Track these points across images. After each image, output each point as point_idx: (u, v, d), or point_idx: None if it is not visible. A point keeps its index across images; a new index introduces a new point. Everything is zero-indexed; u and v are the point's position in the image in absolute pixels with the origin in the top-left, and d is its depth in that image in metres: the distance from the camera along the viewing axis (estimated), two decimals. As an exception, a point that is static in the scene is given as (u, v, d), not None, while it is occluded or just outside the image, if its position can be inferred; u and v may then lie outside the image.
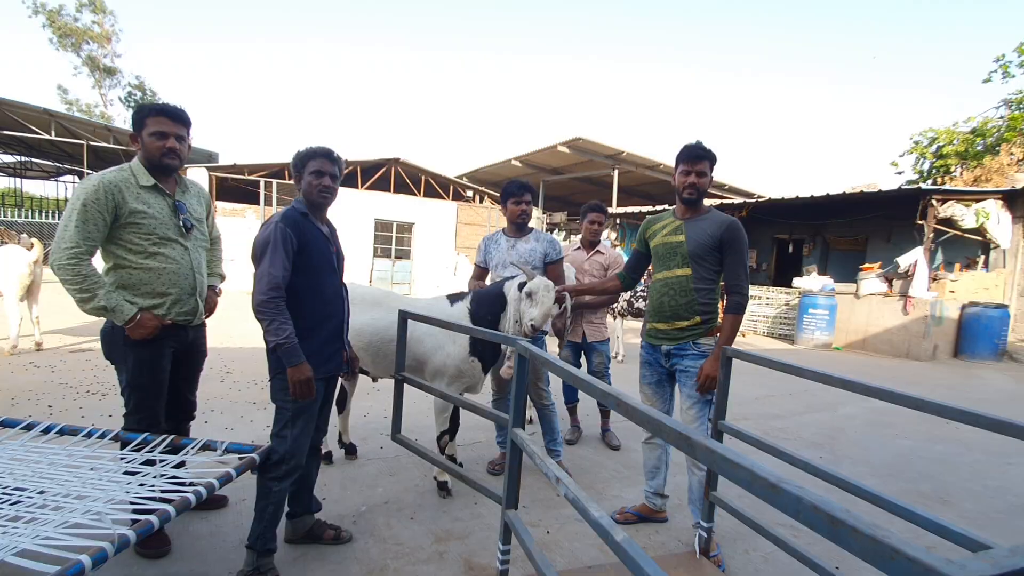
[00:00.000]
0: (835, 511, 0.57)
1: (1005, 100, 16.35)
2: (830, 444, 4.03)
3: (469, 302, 2.67)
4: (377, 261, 16.44)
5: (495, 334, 1.87)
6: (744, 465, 0.70)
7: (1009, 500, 3.16)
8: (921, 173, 17.58)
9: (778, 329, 10.77)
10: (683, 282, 2.34)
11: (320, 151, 2.06)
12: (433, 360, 2.65)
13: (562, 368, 1.34)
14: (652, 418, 0.92)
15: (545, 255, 3.03)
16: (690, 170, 2.33)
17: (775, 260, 14.70)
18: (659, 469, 2.51)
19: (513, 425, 1.68)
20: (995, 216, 9.88)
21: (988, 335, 8.96)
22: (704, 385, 2.19)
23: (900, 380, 6.91)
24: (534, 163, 18.15)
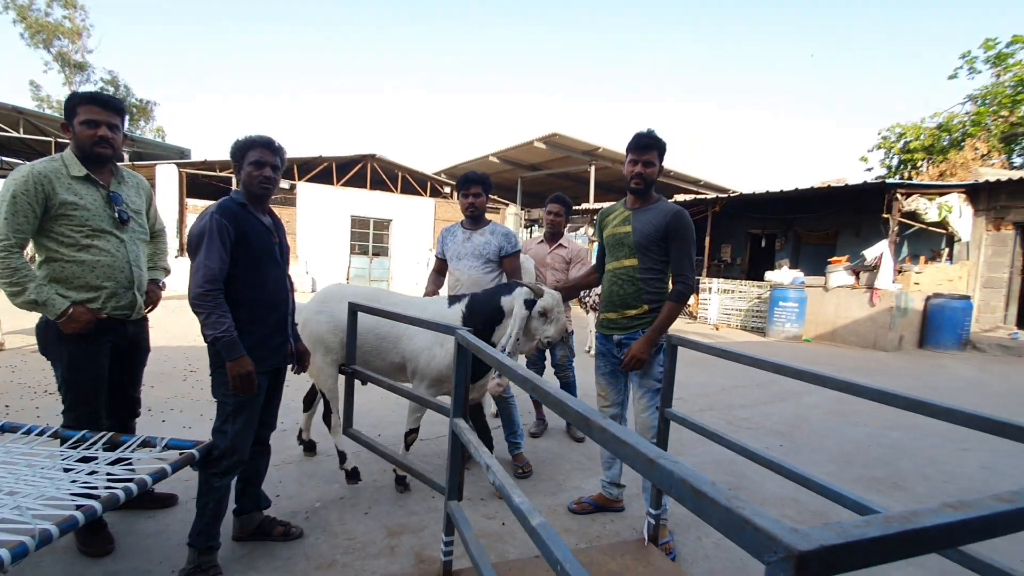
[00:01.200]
0: (700, 484, 0.57)
1: (970, 96, 16.79)
2: (791, 433, 4.10)
3: (464, 306, 2.56)
4: (354, 258, 16.27)
5: (435, 324, 1.84)
6: (629, 442, 0.69)
7: (962, 484, 3.24)
8: (889, 168, 17.98)
9: (751, 322, 10.94)
10: (630, 272, 2.37)
11: (260, 140, 2.01)
12: (418, 360, 2.56)
13: (495, 358, 1.32)
14: (559, 401, 0.91)
15: (500, 248, 3.01)
16: (637, 159, 2.32)
17: (748, 254, 14.92)
18: (615, 459, 2.52)
19: (454, 416, 1.66)
20: (957, 210, 10.15)
21: (952, 326, 9.22)
22: (628, 364, 2.23)
23: (865, 370, 7.07)
24: (512, 159, 18.12)
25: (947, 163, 14.99)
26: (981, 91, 16.45)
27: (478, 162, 18.42)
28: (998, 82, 16.04)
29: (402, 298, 2.84)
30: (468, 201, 3.00)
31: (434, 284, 3.28)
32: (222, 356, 1.86)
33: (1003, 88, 15.79)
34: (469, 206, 3.01)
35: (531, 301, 2.41)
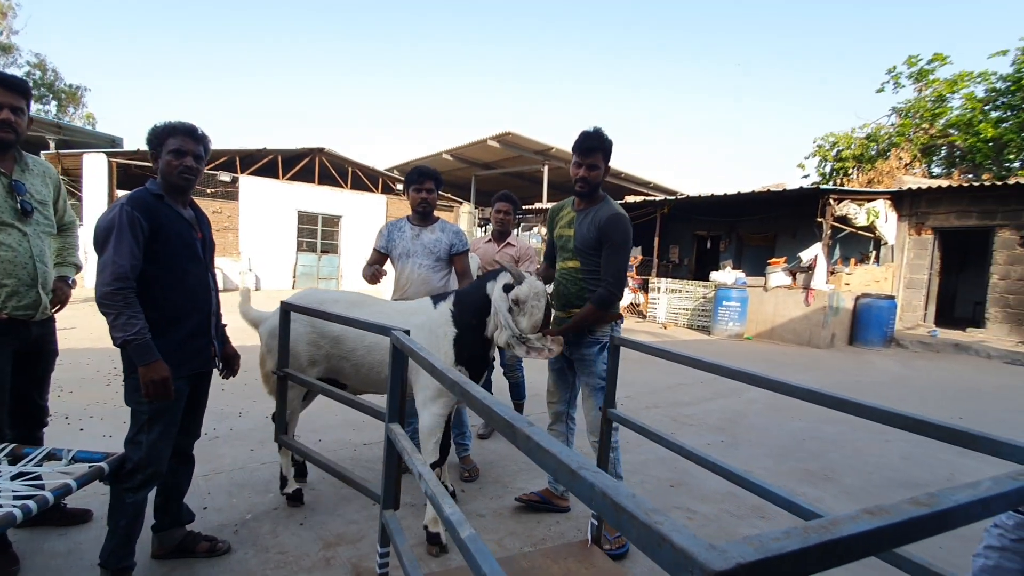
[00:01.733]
0: (619, 498, 0.53)
1: (895, 109, 18.00)
2: (731, 428, 4.23)
3: (452, 304, 2.35)
4: (301, 255, 15.72)
5: (371, 323, 1.76)
6: (552, 451, 0.65)
7: (886, 475, 3.43)
8: (823, 175, 19.02)
9: (697, 321, 11.30)
10: (573, 273, 2.39)
11: (181, 127, 1.86)
12: (417, 373, 2.25)
13: (429, 362, 1.26)
14: (486, 407, 0.86)
15: (451, 246, 2.94)
16: (581, 162, 2.27)
17: (695, 255, 15.42)
18: None
19: (389, 421, 1.59)
20: (883, 215, 10.84)
21: (878, 324, 9.83)
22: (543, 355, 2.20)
23: (800, 366, 7.42)
24: (465, 157, 18.00)
25: (875, 171, 16.01)
26: (905, 104, 17.66)
27: (431, 159, 18.20)
28: (920, 96, 17.27)
29: (386, 305, 2.57)
30: (420, 196, 2.90)
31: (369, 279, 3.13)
32: (132, 360, 1.71)
33: (924, 102, 17.01)
34: (421, 201, 2.91)
35: (509, 286, 2.22)
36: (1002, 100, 15.31)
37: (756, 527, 2.60)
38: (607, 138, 2.30)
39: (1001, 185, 10.14)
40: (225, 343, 2.13)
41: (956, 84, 16.39)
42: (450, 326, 2.30)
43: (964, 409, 5.30)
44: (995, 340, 9.83)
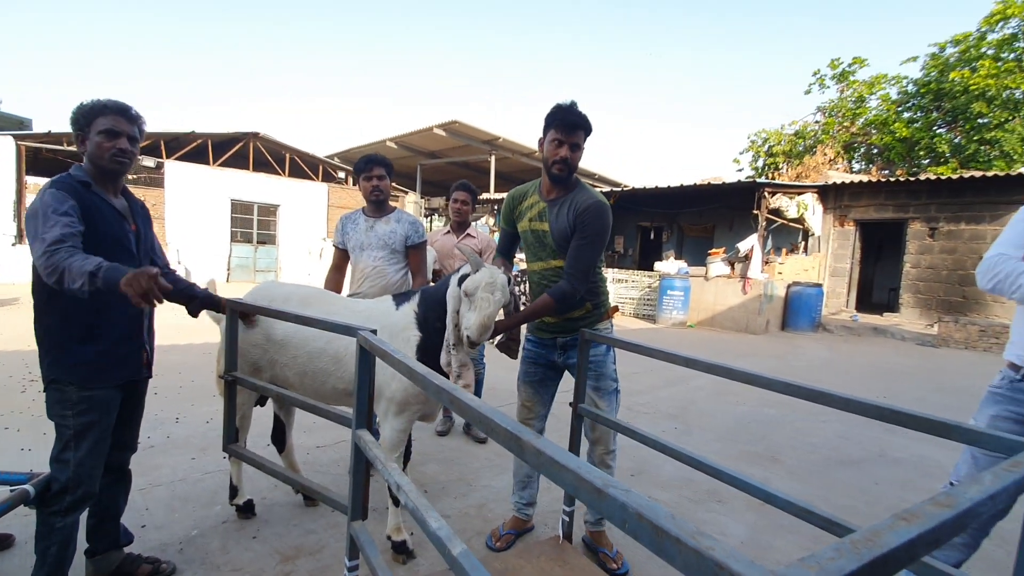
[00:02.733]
0: (659, 519, 0.50)
1: (820, 108, 19.15)
2: (683, 415, 4.37)
3: (416, 304, 2.10)
4: (236, 246, 14.88)
5: (334, 324, 1.65)
6: (571, 468, 0.61)
7: (824, 454, 3.64)
8: (757, 169, 20.01)
9: (642, 310, 11.63)
10: (558, 273, 2.06)
11: (113, 105, 1.67)
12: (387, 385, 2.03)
13: (402, 363, 1.19)
14: (485, 417, 0.81)
15: (406, 238, 2.84)
16: (563, 141, 1.94)
17: (639, 246, 15.85)
18: (532, 478, 2.31)
19: (356, 427, 1.50)
20: (811, 208, 11.54)
21: (807, 310, 10.48)
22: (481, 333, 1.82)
23: (738, 352, 7.79)
24: (410, 145, 17.59)
25: (803, 166, 17.00)
26: (829, 104, 18.82)
27: (375, 146, 17.65)
28: (842, 97, 18.45)
29: (344, 302, 2.34)
30: (372, 184, 2.77)
31: (334, 284, 2.98)
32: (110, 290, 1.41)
33: (846, 102, 18.20)
34: (373, 189, 2.78)
35: (465, 276, 1.91)
36: (913, 102, 16.63)
37: (713, 511, 2.69)
38: (587, 117, 2.00)
39: (913, 181, 11.03)
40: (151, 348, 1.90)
41: (873, 86, 17.65)
42: (413, 329, 2.06)
43: (886, 389, 5.74)
44: (908, 324, 10.73)
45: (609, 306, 2.18)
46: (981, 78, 14.02)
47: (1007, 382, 1.67)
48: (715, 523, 2.58)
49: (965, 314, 10.01)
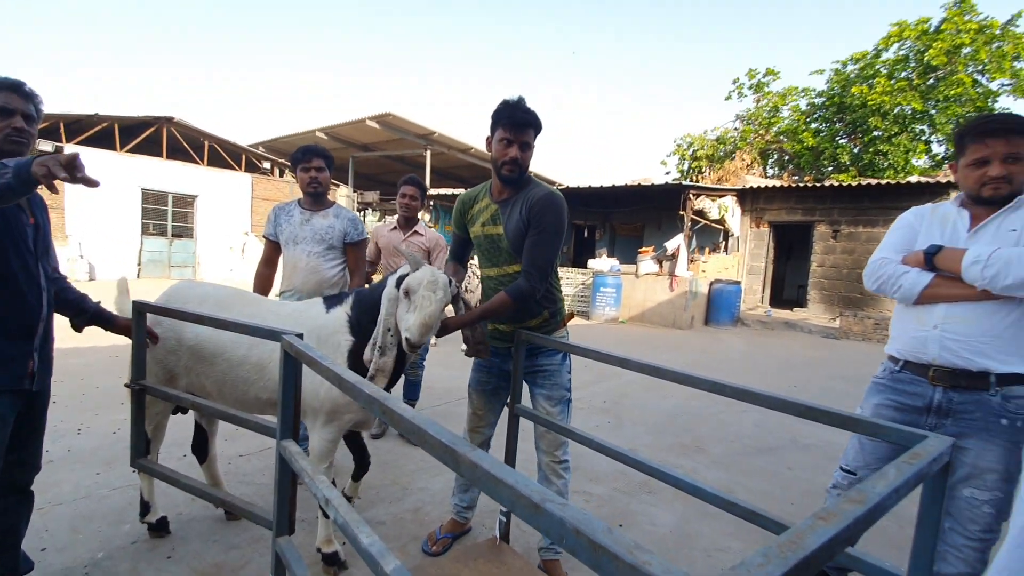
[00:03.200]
0: (596, 534, 0.49)
1: (739, 115, 20.34)
2: (616, 409, 4.51)
3: (349, 307, 1.97)
4: (148, 240, 13.76)
5: (256, 328, 1.55)
6: (508, 482, 0.60)
7: (744, 443, 3.87)
8: (682, 172, 20.98)
9: (577, 307, 11.88)
10: (517, 278, 1.94)
11: (4, 81, 1.50)
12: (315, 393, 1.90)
13: (330, 370, 1.13)
14: (419, 429, 0.77)
15: (345, 234, 2.73)
16: (512, 140, 1.85)
17: (573, 244, 16.19)
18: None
19: (281, 437, 1.41)
20: (731, 210, 12.27)
21: (727, 306, 11.14)
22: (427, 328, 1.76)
23: (667, 346, 8.15)
24: (342, 137, 16.96)
25: (723, 170, 18.02)
26: (746, 112, 20.04)
27: (304, 137, 16.87)
28: (758, 106, 19.70)
29: (269, 304, 2.17)
30: (310, 176, 2.65)
31: (264, 279, 2.82)
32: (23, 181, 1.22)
33: (761, 111, 19.44)
34: (311, 181, 2.65)
35: (402, 277, 1.82)
36: (819, 114, 18.04)
37: (645, 502, 2.79)
38: (536, 113, 1.91)
39: (818, 187, 11.98)
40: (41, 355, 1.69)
41: (785, 97, 18.97)
42: (345, 334, 1.93)
43: (797, 378, 6.20)
44: (814, 318, 11.66)
45: (565, 313, 2.12)
46: (877, 94, 15.45)
47: (888, 373, 1.85)
48: (646, 514, 2.67)
49: (863, 309, 11.02)
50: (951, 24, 14.88)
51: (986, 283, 1.55)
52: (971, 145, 1.66)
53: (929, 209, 1.85)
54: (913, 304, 1.74)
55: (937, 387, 1.68)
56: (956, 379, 1.65)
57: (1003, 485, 1.62)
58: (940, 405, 1.68)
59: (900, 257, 1.79)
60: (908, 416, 1.75)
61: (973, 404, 1.64)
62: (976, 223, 1.70)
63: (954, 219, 1.76)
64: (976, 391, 1.63)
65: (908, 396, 1.75)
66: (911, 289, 1.71)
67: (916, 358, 1.73)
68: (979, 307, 1.61)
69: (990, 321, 1.59)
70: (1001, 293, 1.55)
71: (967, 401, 1.64)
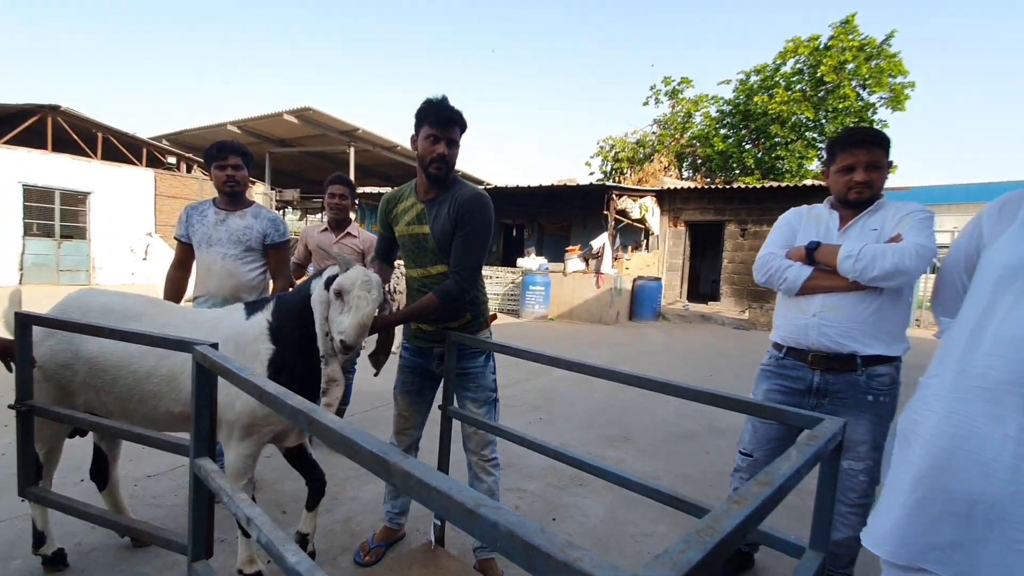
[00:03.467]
0: (530, 535, 0.50)
1: (656, 120, 21.37)
2: (547, 406, 4.60)
3: (270, 313, 1.86)
4: (32, 241, 12.32)
5: (163, 337, 1.43)
6: (442, 489, 0.59)
7: (668, 431, 4.08)
8: (605, 173, 21.72)
9: (507, 305, 11.99)
10: (442, 280, 1.94)
11: None
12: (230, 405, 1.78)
13: (249, 382, 1.07)
14: (348, 439, 0.75)
15: (265, 235, 2.58)
16: (439, 136, 1.85)
17: (502, 243, 16.31)
18: None
19: (195, 455, 1.32)
20: (651, 210, 12.87)
21: (649, 301, 11.68)
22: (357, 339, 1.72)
23: (594, 342, 8.42)
24: (257, 131, 16.05)
25: (643, 172, 18.86)
26: (663, 117, 21.10)
27: (214, 130, 15.80)
28: (673, 112, 20.79)
29: (183, 312, 2.01)
30: (226, 174, 2.48)
31: (176, 284, 2.62)
32: None
33: (676, 117, 20.53)
34: (227, 179, 2.48)
35: (333, 278, 1.76)
36: (727, 120, 19.33)
37: (576, 494, 2.86)
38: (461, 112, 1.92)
39: (728, 189, 12.84)
40: None
41: (698, 104, 20.17)
42: (265, 342, 1.82)
43: (713, 367, 6.62)
44: (726, 311, 12.50)
45: (488, 314, 2.14)
46: (776, 104, 16.81)
47: (774, 360, 2.04)
48: (578, 506, 2.75)
49: (768, 302, 11.94)
50: (837, 42, 16.46)
51: (857, 275, 1.76)
52: (840, 154, 1.89)
53: (806, 210, 2.08)
54: (795, 295, 1.93)
55: (815, 371, 1.89)
56: (830, 362, 1.86)
57: (873, 454, 1.87)
58: (818, 387, 1.89)
59: (784, 252, 1.99)
60: (793, 398, 1.95)
61: (844, 384, 1.85)
62: (844, 223, 1.93)
63: (826, 219, 1.98)
64: (847, 372, 1.85)
65: (792, 380, 1.96)
66: (794, 281, 1.90)
67: (797, 344, 1.93)
68: (849, 297, 1.82)
69: (857, 309, 1.81)
70: (868, 284, 1.76)
71: (840, 382, 1.86)
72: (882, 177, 1.86)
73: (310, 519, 2.05)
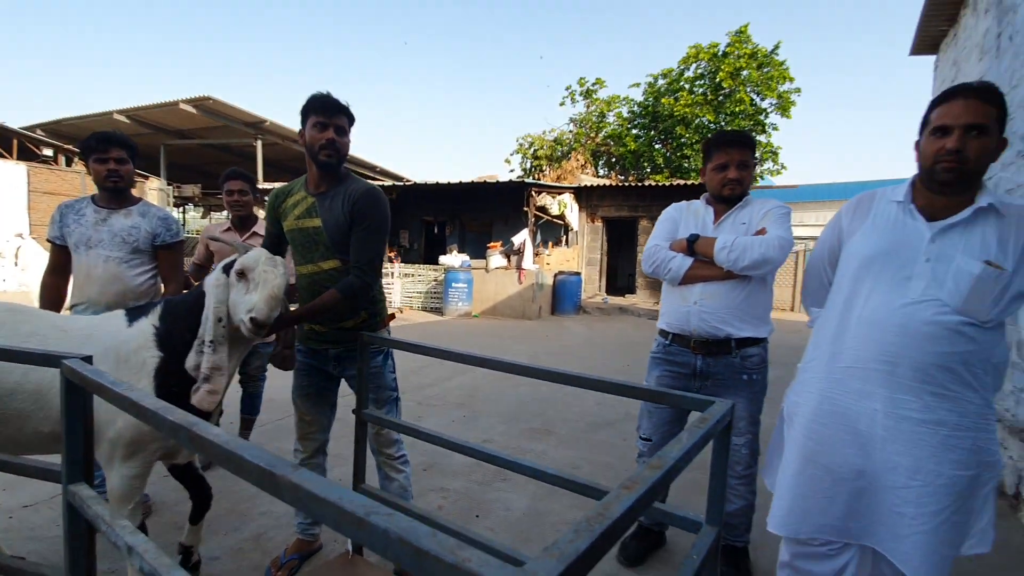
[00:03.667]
0: (420, 540, 0.49)
1: (572, 119, 21.94)
2: (470, 403, 4.59)
3: (157, 317, 1.71)
4: None
5: (22, 351, 1.26)
6: (331, 500, 0.57)
7: (588, 420, 4.21)
8: (525, 170, 22.02)
9: (430, 303, 11.85)
10: (334, 276, 1.89)
11: None
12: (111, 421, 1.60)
13: (124, 397, 0.97)
14: (233, 454, 0.70)
15: (155, 236, 2.35)
16: (327, 123, 1.81)
17: (424, 240, 16.07)
18: None
19: (68, 481, 1.18)
20: (570, 206, 13.21)
21: (570, 296, 12.01)
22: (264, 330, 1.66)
23: (517, 336, 8.53)
24: (149, 121, 14.66)
25: (561, 169, 19.32)
26: (579, 117, 21.70)
27: (98, 120, 14.23)
28: (588, 111, 21.45)
29: (54, 319, 1.79)
30: (107, 168, 2.23)
31: (53, 291, 2.34)
32: None
33: (591, 117, 21.20)
34: (109, 174, 2.23)
35: (231, 264, 1.69)
36: (638, 121, 20.25)
37: (500, 489, 2.89)
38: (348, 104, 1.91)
39: (640, 186, 13.47)
40: None
41: (611, 104, 20.94)
42: (152, 350, 1.67)
43: (630, 357, 6.93)
44: (642, 303, 13.12)
45: (386, 313, 2.11)
46: (681, 106, 17.84)
47: (661, 348, 2.19)
48: (501, 500, 2.77)
49: (679, 292, 12.70)
50: (733, 49, 17.73)
51: (730, 265, 1.94)
52: (715, 153, 2.07)
53: (685, 205, 2.25)
54: (679, 284, 2.07)
55: (698, 355, 2.04)
56: (709, 347, 2.03)
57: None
58: (701, 370, 2.06)
59: (668, 244, 2.13)
60: (682, 382, 2.11)
61: (722, 366, 2.03)
62: (719, 217, 2.11)
63: (703, 214, 2.15)
64: (724, 355, 2.02)
65: (679, 366, 2.11)
66: (678, 271, 2.05)
67: (681, 331, 2.08)
68: (724, 285, 1.99)
69: (731, 296, 1.99)
70: (740, 273, 1.94)
71: (719, 364, 2.04)
72: (750, 175, 2.06)
73: (194, 532, 1.95)
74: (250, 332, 1.62)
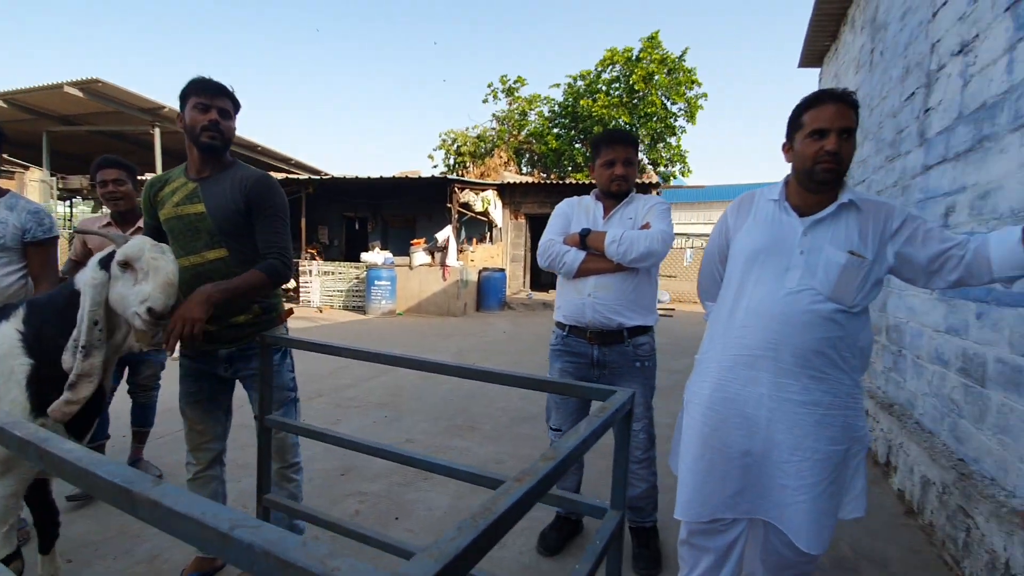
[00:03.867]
0: (288, 553, 0.46)
1: (495, 116, 22.02)
2: (393, 402, 4.48)
3: (22, 320, 1.54)
4: None
5: None
6: (192, 516, 0.52)
7: (511, 415, 4.24)
8: (448, 166, 21.83)
9: (352, 301, 11.45)
10: (220, 268, 1.77)
11: None
12: None
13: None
14: (85, 472, 0.62)
15: (24, 231, 2.06)
16: (209, 105, 1.74)
17: (345, 236, 15.50)
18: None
19: None
20: (494, 203, 13.27)
21: (495, 292, 12.06)
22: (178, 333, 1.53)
23: (441, 333, 8.45)
24: (30, 106, 12.98)
25: (485, 166, 19.34)
26: (501, 114, 21.82)
27: (-47, 102, 12.40)
28: (511, 109, 21.62)
29: None
30: None
31: None
32: None
33: (513, 114, 21.38)
34: None
35: (108, 257, 1.55)
36: (559, 120, 20.69)
37: (421, 489, 2.84)
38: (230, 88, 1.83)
39: (562, 184, 13.78)
40: None
41: (532, 103, 21.23)
42: (19, 356, 1.53)
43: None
44: (566, 297, 13.45)
45: (283, 309, 2.00)
46: (599, 107, 18.42)
47: (560, 339, 2.27)
48: (423, 501, 2.72)
49: (600, 287, 13.15)
50: (645, 54, 18.56)
51: (619, 257, 2.03)
52: (604, 150, 2.16)
53: (577, 201, 2.34)
54: (573, 278, 2.14)
55: (594, 345, 2.13)
56: (604, 337, 2.12)
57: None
58: (598, 360, 2.15)
59: (562, 239, 2.20)
60: (582, 372, 2.19)
61: (617, 355, 2.13)
62: (607, 212, 2.20)
63: (593, 209, 2.24)
64: (618, 344, 2.12)
65: (578, 356, 2.19)
66: (571, 265, 2.12)
67: (577, 322, 2.16)
68: (616, 277, 2.08)
69: (622, 287, 2.09)
70: (629, 265, 2.04)
71: (613, 353, 2.13)
72: (635, 172, 2.16)
73: (48, 562, 1.76)
74: (147, 325, 1.50)
